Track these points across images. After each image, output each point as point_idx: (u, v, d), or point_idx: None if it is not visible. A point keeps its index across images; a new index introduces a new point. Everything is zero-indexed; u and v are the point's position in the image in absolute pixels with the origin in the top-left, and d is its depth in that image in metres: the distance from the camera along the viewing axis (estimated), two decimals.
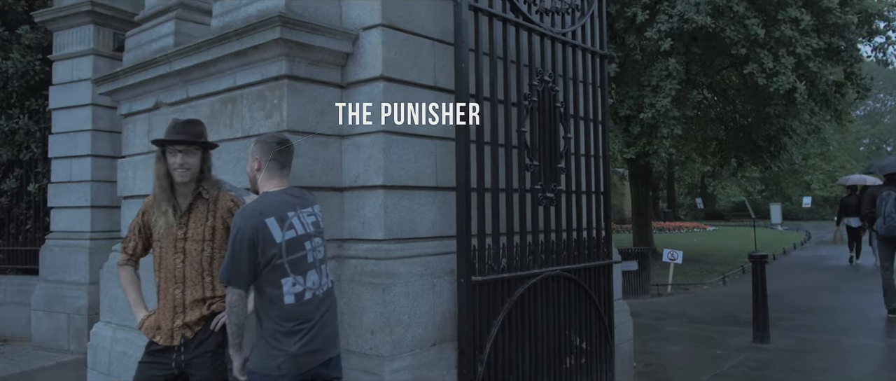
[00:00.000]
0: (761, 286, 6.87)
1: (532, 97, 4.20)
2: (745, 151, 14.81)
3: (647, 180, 15.49)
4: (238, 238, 2.63)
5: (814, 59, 10.92)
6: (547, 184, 4.31)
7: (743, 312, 8.32)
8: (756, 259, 6.92)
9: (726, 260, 15.13)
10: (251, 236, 2.63)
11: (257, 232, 2.64)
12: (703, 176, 39.76)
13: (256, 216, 2.67)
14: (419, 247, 3.63)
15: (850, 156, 48.27)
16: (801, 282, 11.85)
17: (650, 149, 11.77)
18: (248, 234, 2.63)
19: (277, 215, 2.71)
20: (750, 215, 17.06)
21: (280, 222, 2.70)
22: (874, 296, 9.91)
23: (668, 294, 10.95)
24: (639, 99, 11.60)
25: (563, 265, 4.37)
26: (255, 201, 2.78)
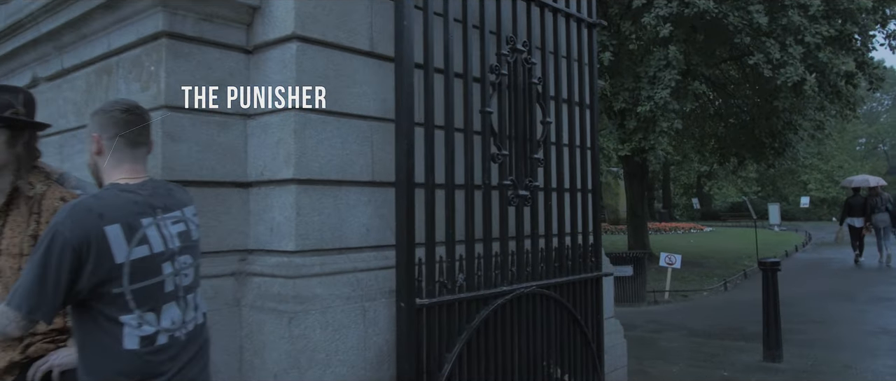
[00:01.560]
0: (773, 298, 6.03)
1: (501, 70, 3.35)
2: (747, 149, 13.99)
3: (642, 179, 14.66)
4: (54, 244, 1.75)
5: (824, 48, 10.10)
6: (519, 179, 3.45)
7: (749, 323, 7.49)
8: (767, 267, 6.08)
9: (726, 263, 14.32)
10: (76, 246, 1.74)
11: (88, 241, 1.75)
12: (700, 176, 39.01)
13: (91, 218, 1.78)
14: (345, 261, 2.77)
15: (847, 155, 47.62)
16: (809, 288, 11.03)
17: (646, 145, 10.93)
18: (73, 241, 1.74)
19: (124, 222, 1.83)
20: (750, 216, 16.29)
21: (127, 231, 1.81)
22: (888, 304, 9.11)
23: (666, 302, 10.12)
24: (635, 91, 10.77)
25: (540, 280, 3.52)
26: (93, 197, 1.89)
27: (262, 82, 2.79)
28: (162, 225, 1.89)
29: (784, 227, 26.80)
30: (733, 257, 15.50)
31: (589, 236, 3.96)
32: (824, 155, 42.40)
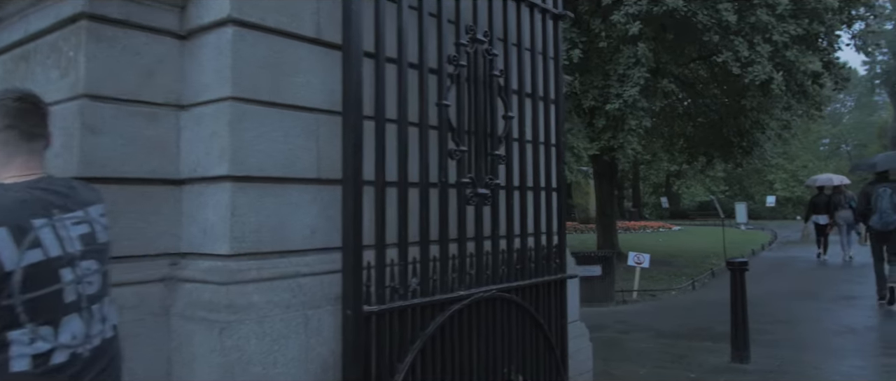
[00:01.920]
0: (741, 299, 5.95)
1: (459, 61, 3.16)
2: (715, 148, 14.03)
3: (612, 179, 14.62)
4: None
5: (791, 47, 10.12)
6: (479, 177, 3.27)
7: (717, 323, 7.42)
8: (735, 267, 5.99)
9: (694, 262, 14.35)
10: None
11: None
12: (669, 175, 39.37)
13: None
14: (287, 265, 2.56)
15: (812, 155, 48.52)
16: (775, 287, 11.06)
17: (615, 143, 10.85)
18: None
19: (12, 224, 1.59)
20: (718, 215, 16.38)
21: (16, 234, 1.58)
22: (853, 303, 9.14)
23: (634, 301, 10.04)
24: (604, 89, 10.69)
25: (500, 283, 3.34)
26: None
27: (196, 70, 2.56)
28: (59, 226, 1.66)
29: (751, 226, 27.12)
30: (701, 256, 15.55)
31: (553, 237, 3.79)
32: (790, 155, 43.13)
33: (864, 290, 10.39)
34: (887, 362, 6.14)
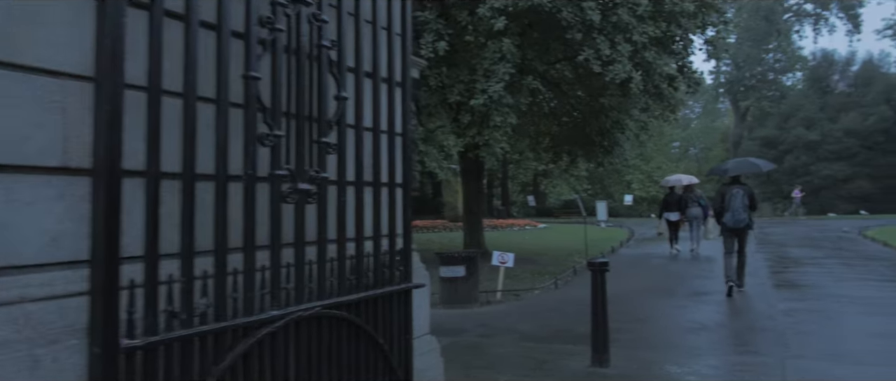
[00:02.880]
0: (601, 301, 5.74)
1: (276, 24, 2.54)
2: (579, 147, 14.22)
3: (479, 176, 14.45)
4: None
5: (650, 48, 10.30)
6: (300, 169, 2.67)
7: (578, 323, 7.25)
8: (596, 268, 5.78)
9: (558, 260, 14.48)
10: None
11: None
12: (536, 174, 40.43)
13: None
14: (12, 286, 1.84)
15: (664, 157, 51.81)
16: (633, 284, 11.26)
17: (481, 140, 10.58)
18: None
19: None
20: (580, 213, 16.72)
21: None
22: (704, 299, 9.42)
23: (499, 302, 9.81)
24: (470, 84, 10.38)
25: (328, 299, 2.76)
26: None
27: None
28: None
29: (610, 223, 28.26)
30: (565, 253, 15.77)
31: (397, 241, 3.27)
32: (646, 156, 45.77)
33: (714, 285, 10.79)
34: (738, 359, 6.18)
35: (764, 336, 6.97)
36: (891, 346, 6.56)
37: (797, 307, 8.54)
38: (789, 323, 7.54)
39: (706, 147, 64.07)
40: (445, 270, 9.36)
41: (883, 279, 11.36)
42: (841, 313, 8.13)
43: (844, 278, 11.40)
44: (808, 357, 6.08)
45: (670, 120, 15.08)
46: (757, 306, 8.97)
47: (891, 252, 15.80)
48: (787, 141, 44.14)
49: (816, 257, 14.78)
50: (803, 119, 44.38)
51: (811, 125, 43.62)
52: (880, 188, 41.18)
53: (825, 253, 15.58)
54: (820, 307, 8.52)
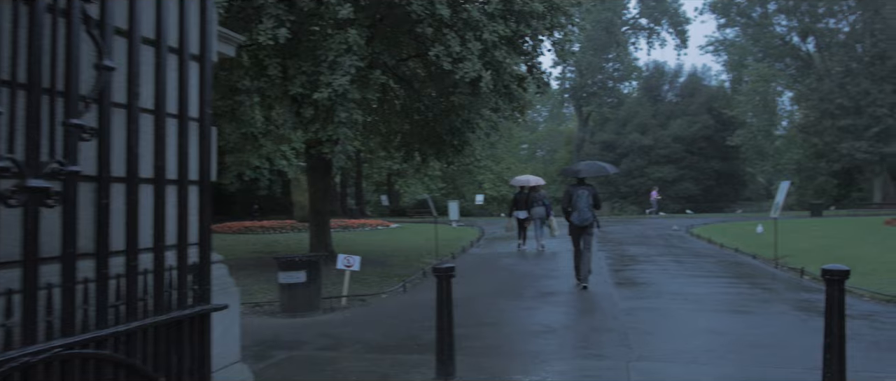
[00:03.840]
0: (447, 310, 5.34)
1: None
2: (430, 145, 13.91)
3: (326, 174, 13.70)
4: None
5: (500, 47, 10.16)
6: (32, 160, 1.95)
7: (425, 330, 6.83)
8: (441, 274, 5.37)
9: (408, 261, 14.11)
10: None
11: None
12: (390, 173, 40.08)
13: None
14: None
15: (514, 158, 53.60)
16: (482, 286, 11.11)
17: (324, 135, 9.90)
18: None
19: None
20: (432, 213, 16.48)
21: None
22: (551, 299, 9.41)
23: (343, 309, 9.20)
24: (314, 76, 9.67)
25: (83, 333, 2.06)
26: None
27: None
28: None
29: (462, 223, 28.46)
30: (416, 254, 15.45)
31: (187, 252, 2.60)
32: (496, 157, 47.00)
33: (560, 285, 10.89)
34: (585, 364, 6.05)
35: (608, 338, 6.94)
36: (721, 343, 6.76)
37: (637, 306, 8.72)
38: (631, 323, 7.61)
39: (552, 149, 67.26)
40: (284, 275, 8.61)
41: (710, 275, 12.06)
42: (676, 311, 8.38)
43: (677, 275, 11.98)
44: (649, 358, 6.06)
45: (519, 121, 15.25)
46: (601, 305, 9.07)
47: (715, 249, 17.03)
48: (624, 145, 47.25)
49: (651, 254, 15.56)
50: (638, 125, 47.71)
51: (645, 131, 46.98)
52: (703, 190, 45.24)
53: (659, 251, 16.47)
54: (658, 306, 8.75)
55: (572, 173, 11.36)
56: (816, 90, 39.27)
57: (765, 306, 8.89)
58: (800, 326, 7.51)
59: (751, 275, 11.98)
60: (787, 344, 6.63)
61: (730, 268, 13.04)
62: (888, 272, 10.36)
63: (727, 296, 9.72)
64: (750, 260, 14.25)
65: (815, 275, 11.19)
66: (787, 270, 12.32)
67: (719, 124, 45.64)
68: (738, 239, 17.75)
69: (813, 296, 9.42)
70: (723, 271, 12.67)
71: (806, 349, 6.29)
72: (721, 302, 9.20)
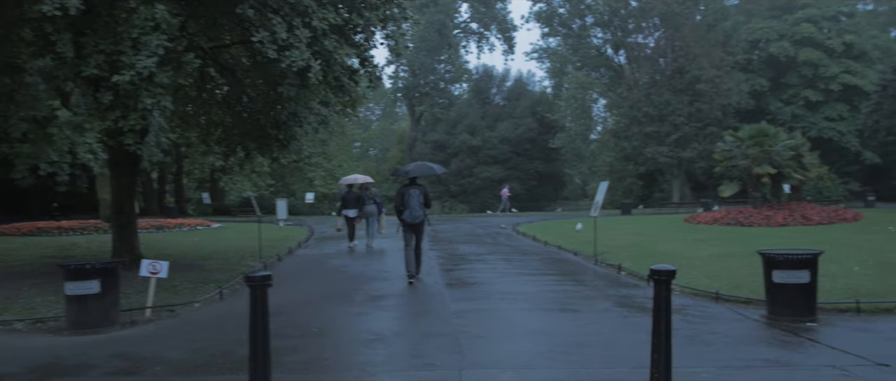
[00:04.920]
0: (262, 324, 4.68)
1: None
2: (253, 139, 12.91)
3: (132, 169, 12.18)
4: None
5: (330, 35, 9.54)
6: None
7: (241, 344, 6.08)
8: (256, 284, 4.70)
9: (228, 265, 12.98)
10: None
11: None
12: (213, 169, 37.56)
13: None
14: None
15: (346, 156, 52.78)
16: (309, 290, 10.44)
17: (126, 125, 8.67)
18: None
19: None
20: (255, 212, 15.43)
21: None
22: (381, 304, 8.97)
23: (147, 322, 8.08)
24: (113, 56, 8.44)
25: None
26: None
27: None
28: None
29: (290, 222, 27.30)
30: (237, 256, 14.32)
31: None
32: (328, 154, 45.95)
33: (391, 287, 10.51)
34: (417, 375, 5.67)
35: (440, 344, 6.63)
36: (552, 344, 6.70)
37: (469, 308, 8.54)
38: (463, 326, 7.38)
39: (385, 148, 67.25)
40: (73, 286, 7.37)
41: (537, 273, 12.31)
42: (507, 311, 8.30)
43: (506, 273, 12.08)
44: (482, 365, 5.82)
45: (351, 116, 14.70)
46: (432, 307, 8.80)
47: (540, 246, 17.62)
48: (454, 145, 48.28)
49: (481, 253, 15.72)
50: (468, 126, 48.98)
51: (474, 132, 48.35)
52: (527, 189, 47.46)
53: (488, 249, 16.70)
54: (489, 307, 8.63)
55: (403, 174, 11.63)
56: (626, 99, 42.65)
57: (589, 303, 9.12)
58: (623, 323, 7.71)
59: (574, 272, 12.40)
60: (614, 342, 6.72)
61: (555, 265, 13.44)
62: (694, 268, 11.14)
63: (554, 294, 9.89)
64: (572, 257, 14.83)
65: (631, 271, 11.81)
66: (606, 266, 12.90)
67: (542, 128, 48.11)
68: (561, 237, 18.51)
69: (631, 292, 9.86)
70: (549, 268, 13.02)
71: (631, 346, 6.41)
72: (549, 300, 9.31)
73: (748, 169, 22.05)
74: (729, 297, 8.91)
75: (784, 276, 7.48)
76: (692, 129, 39.69)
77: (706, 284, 9.71)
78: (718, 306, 8.58)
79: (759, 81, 44.04)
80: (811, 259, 7.54)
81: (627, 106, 42.30)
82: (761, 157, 21.78)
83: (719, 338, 6.86)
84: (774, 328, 7.25)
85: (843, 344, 6.38)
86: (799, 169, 22.50)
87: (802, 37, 42.62)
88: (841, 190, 40.30)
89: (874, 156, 41.95)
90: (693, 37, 40.23)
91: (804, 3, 44.54)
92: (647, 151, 40.73)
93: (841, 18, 44.89)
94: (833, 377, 5.35)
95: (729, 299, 8.86)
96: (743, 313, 8.10)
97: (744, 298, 8.75)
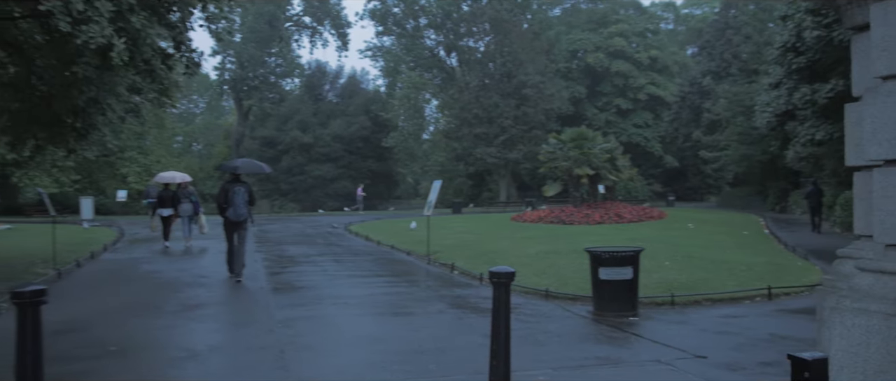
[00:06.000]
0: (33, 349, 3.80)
1: None
2: (43, 128, 11.21)
3: None
4: None
5: (138, 11, 8.43)
6: None
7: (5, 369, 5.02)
8: (24, 300, 3.79)
9: (14, 274, 11.14)
10: None
11: None
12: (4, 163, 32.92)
13: None
14: None
15: (165, 151, 48.89)
16: (110, 301, 9.18)
17: None
18: None
19: None
20: (48, 211, 13.53)
21: None
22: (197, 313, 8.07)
23: None
24: None
25: None
26: None
27: None
28: None
29: (97, 223, 24.55)
30: (24, 264, 12.38)
31: None
32: (144, 149, 42.27)
33: (208, 294, 9.57)
34: None
35: (262, 358, 5.97)
36: (387, 352, 6.30)
37: (296, 315, 7.90)
38: (289, 336, 6.77)
39: (210, 144, 63.32)
40: None
41: (370, 275, 11.91)
42: (338, 318, 7.81)
43: (337, 276, 11.55)
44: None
45: (168, 107, 13.31)
46: (255, 316, 8.06)
47: (373, 246, 17.23)
48: (285, 142, 46.53)
49: (311, 254, 15.01)
50: (299, 122, 47.46)
51: (306, 129, 46.94)
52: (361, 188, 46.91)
53: (319, 250, 16.02)
54: (318, 313, 8.07)
55: (230, 169, 11.35)
56: (458, 100, 43.63)
57: (424, 305, 8.86)
58: (459, 325, 7.52)
59: (408, 273, 12.15)
60: (450, 347, 6.48)
61: (388, 266, 13.12)
62: (524, 266, 11.31)
63: (388, 297, 9.53)
64: (406, 257, 14.61)
65: (464, 270, 11.79)
66: (439, 265, 12.80)
67: (376, 126, 47.83)
68: (394, 236, 18.27)
69: (465, 292, 9.76)
70: (382, 269, 12.67)
71: (468, 349, 6.20)
72: (382, 304, 8.93)
73: (569, 170, 23.26)
74: (558, 294, 9.09)
75: (610, 273, 7.70)
76: (518, 131, 41.48)
77: (536, 282, 9.86)
78: (549, 304, 8.70)
79: (578, 89, 47.18)
80: (634, 256, 7.84)
81: (458, 107, 43.29)
82: (581, 159, 23.07)
83: (552, 337, 6.87)
84: (601, 323, 7.43)
85: (664, 338, 6.64)
86: (613, 171, 24.15)
87: (615, 49, 46.27)
88: (646, 191, 44.20)
89: (674, 160, 46.53)
90: (520, 44, 42.08)
91: (617, 19, 48.43)
92: (477, 152, 41.94)
93: (647, 35, 49.41)
94: (660, 371, 5.48)
95: (558, 296, 9.04)
96: (571, 309, 8.26)
97: (571, 295, 8.97)
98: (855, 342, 2.80)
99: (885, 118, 2.93)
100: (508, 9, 42.60)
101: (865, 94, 3.17)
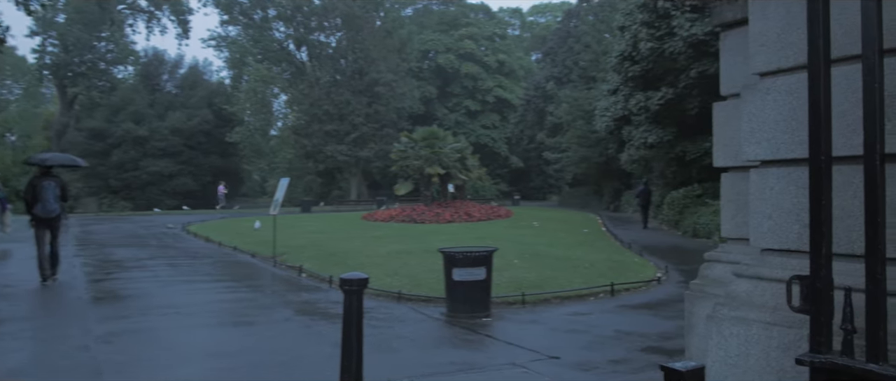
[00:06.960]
0: None
1: None
2: None
3: None
4: None
5: None
6: None
7: None
8: None
9: None
10: None
11: None
12: None
13: None
14: None
15: None
16: None
17: None
18: None
19: None
20: None
21: None
22: None
23: None
24: None
25: None
26: None
27: None
28: None
29: None
30: None
31: None
32: None
33: (10, 307, 8.29)
34: None
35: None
36: (226, 369, 5.67)
37: (120, 329, 6.99)
38: (109, 354, 5.93)
39: (26, 135, 56.83)
40: None
41: (209, 279, 11.00)
42: (169, 331, 7.01)
43: (172, 281, 10.54)
44: None
45: None
46: (69, 331, 7.03)
47: (214, 248, 16.09)
48: (116, 134, 42.70)
49: (142, 258, 13.68)
50: (133, 113, 43.80)
51: (141, 121, 43.39)
52: (201, 185, 44.13)
53: (151, 253, 14.66)
54: (147, 326, 7.20)
55: (38, 162, 10.45)
56: (308, 96, 42.37)
57: (269, 313, 8.23)
58: (306, 333, 7.02)
59: (251, 276, 11.38)
60: (299, 359, 5.97)
61: (229, 269, 12.23)
62: (375, 266, 10.97)
63: (228, 304, 8.80)
64: (249, 259, 13.74)
65: (312, 272, 11.23)
66: (286, 268, 12.13)
67: (219, 120, 45.25)
68: (237, 237, 17.20)
69: (314, 296, 9.25)
70: (222, 273, 11.77)
71: (318, 360, 5.76)
72: (222, 312, 8.20)
73: (421, 169, 23.27)
74: (411, 296, 8.85)
75: (464, 274, 7.57)
76: (370, 129, 41.08)
77: (388, 283, 9.56)
78: (402, 307, 8.43)
79: (429, 89, 47.68)
80: (487, 256, 7.77)
81: (309, 103, 42.09)
82: (432, 158, 23.16)
83: (407, 343, 6.59)
84: (456, 326, 7.27)
85: (517, 339, 6.58)
86: (463, 170, 24.51)
87: (465, 52, 47.29)
88: (494, 190, 45.58)
89: (519, 160, 48.42)
90: (372, 41, 41.68)
91: (467, 22, 49.54)
92: (327, 149, 41.02)
93: (495, 39, 51.05)
94: (516, 375, 5.37)
95: (411, 298, 8.80)
96: (425, 312, 8.04)
97: (425, 296, 8.77)
98: (733, 353, 2.76)
99: (764, 117, 2.90)
100: (361, 5, 42.05)
101: (743, 91, 3.14)
